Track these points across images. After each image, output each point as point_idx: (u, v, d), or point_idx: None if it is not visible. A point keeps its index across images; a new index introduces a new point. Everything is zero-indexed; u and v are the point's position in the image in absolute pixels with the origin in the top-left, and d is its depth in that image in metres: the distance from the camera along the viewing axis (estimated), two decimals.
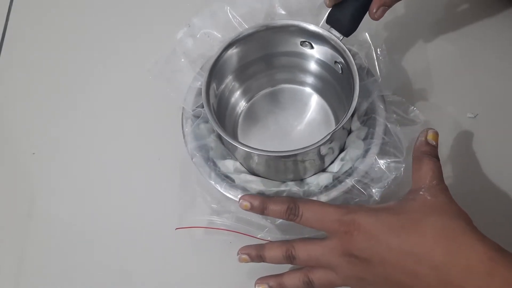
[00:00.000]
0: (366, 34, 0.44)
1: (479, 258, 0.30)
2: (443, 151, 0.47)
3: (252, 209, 0.38)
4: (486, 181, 0.45)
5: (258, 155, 0.39)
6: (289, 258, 0.37)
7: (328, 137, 0.38)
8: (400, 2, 0.42)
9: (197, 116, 0.45)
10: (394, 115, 0.44)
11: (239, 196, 0.39)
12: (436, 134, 0.38)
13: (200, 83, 0.45)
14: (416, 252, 0.31)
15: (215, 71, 0.43)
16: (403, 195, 0.37)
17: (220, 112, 0.45)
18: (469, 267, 0.30)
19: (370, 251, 0.33)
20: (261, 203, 0.38)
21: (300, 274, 0.38)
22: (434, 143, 0.38)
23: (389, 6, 0.41)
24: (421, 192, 0.35)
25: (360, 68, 0.44)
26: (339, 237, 0.35)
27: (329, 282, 0.37)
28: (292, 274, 0.38)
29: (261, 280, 0.39)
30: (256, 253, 0.39)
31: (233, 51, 0.44)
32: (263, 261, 0.39)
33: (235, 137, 0.47)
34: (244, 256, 0.39)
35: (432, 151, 0.37)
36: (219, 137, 0.44)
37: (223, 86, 0.46)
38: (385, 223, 0.33)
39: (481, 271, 0.30)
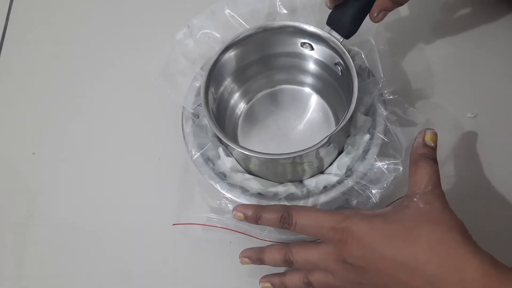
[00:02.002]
0: (368, 35, 0.44)
1: (472, 274, 0.29)
2: (443, 151, 0.47)
3: (246, 219, 0.38)
4: (486, 181, 0.45)
5: (256, 157, 0.39)
6: (287, 262, 0.38)
7: (326, 139, 0.38)
8: None
9: (197, 116, 0.45)
10: (395, 117, 0.43)
11: (234, 206, 0.39)
12: (435, 135, 0.37)
13: (200, 82, 0.45)
14: (409, 264, 0.31)
15: (213, 75, 0.43)
16: (399, 199, 0.37)
17: (220, 115, 0.45)
18: (463, 282, 0.30)
19: (363, 259, 0.33)
20: (254, 213, 0.37)
21: (300, 275, 0.38)
22: (432, 144, 0.36)
23: (390, 10, 0.41)
24: (415, 199, 0.34)
25: (360, 69, 0.44)
26: (334, 244, 0.34)
27: (328, 284, 0.37)
28: (294, 274, 0.39)
29: (265, 278, 0.40)
30: (256, 257, 0.39)
31: (231, 54, 0.44)
32: (263, 264, 0.39)
33: (235, 139, 0.47)
34: (245, 259, 0.40)
35: (429, 153, 0.36)
36: (218, 137, 0.44)
37: (222, 88, 0.46)
38: (378, 231, 0.33)
39: (475, 287, 0.29)
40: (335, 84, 0.45)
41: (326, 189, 0.41)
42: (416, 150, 0.36)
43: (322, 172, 0.43)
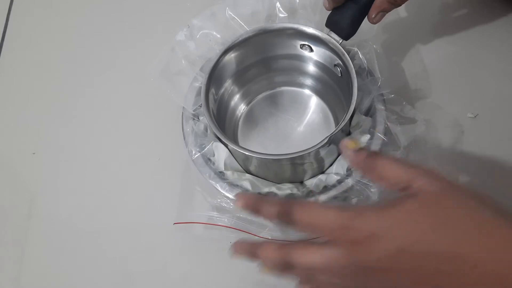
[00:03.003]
0: (367, 35, 0.44)
1: None
2: (443, 151, 0.47)
3: (245, 208, 0.34)
4: (486, 181, 0.45)
5: (257, 158, 0.39)
6: (286, 266, 0.32)
7: (326, 140, 0.38)
8: None
9: (197, 116, 0.45)
10: (394, 117, 0.44)
11: (235, 194, 0.39)
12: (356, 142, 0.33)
13: (200, 83, 0.45)
14: (446, 255, 0.28)
15: (214, 77, 0.43)
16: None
17: (220, 116, 0.45)
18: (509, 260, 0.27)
19: (389, 259, 0.29)
20: (255, 204, 0.33)
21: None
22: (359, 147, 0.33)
23: (387, 11, 0.41)
24: (415, 185, 0.30)
25: (360, 69, 0.44)
26: (345, 246, 0.30)
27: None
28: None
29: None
30: (250, 253, 0.34)
31: (231, 56, 0.44)
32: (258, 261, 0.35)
33: (235, 140, 0.48)
34: (237, 254, 0.35)
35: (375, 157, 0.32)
36: (218, 138, 0.44)
37: (222, 90, 0.46)
38: (401, 226, 0.29)
39: None
40: (334, 86, 0.45)
41: (326, 188, 0.41)
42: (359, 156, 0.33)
43: (322, 173, 0.43)
